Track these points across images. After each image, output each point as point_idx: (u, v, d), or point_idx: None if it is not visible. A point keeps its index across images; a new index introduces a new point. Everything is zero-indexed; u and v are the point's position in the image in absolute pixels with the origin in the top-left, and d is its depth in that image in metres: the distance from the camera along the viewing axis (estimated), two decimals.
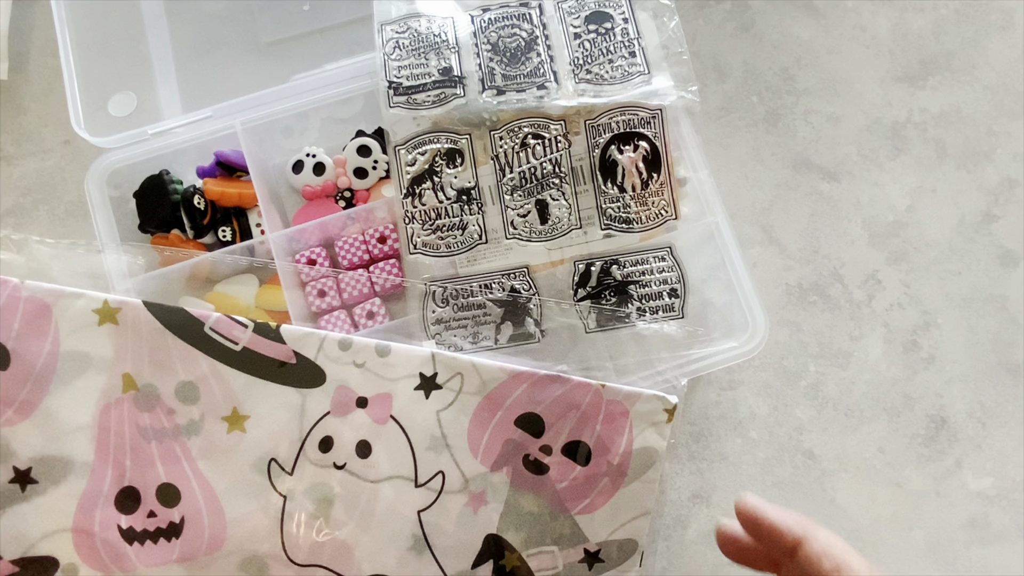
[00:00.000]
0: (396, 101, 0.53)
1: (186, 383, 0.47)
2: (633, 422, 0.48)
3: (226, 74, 0.60)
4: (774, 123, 0.62)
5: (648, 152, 0.52)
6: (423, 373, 0.48)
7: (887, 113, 0.63)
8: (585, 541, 0.48)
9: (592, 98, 0.53)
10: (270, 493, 0.47)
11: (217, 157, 0.57)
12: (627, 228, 0.53)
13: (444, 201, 0.53)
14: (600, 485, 0.48)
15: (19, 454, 0.46)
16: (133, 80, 0.58)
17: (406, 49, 0.54)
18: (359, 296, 0.55)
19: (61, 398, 0.47)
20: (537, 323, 0.52)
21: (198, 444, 0.47)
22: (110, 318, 0.47)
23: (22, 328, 0.47)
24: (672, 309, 0.52)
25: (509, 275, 0.53)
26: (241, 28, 0.61)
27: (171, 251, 0.53)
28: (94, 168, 0.54)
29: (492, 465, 0.47)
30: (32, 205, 0.60)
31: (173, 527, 0.46)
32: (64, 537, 0.46)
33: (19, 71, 0.63)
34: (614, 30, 0.54)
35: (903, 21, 0.64)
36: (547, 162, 0.52)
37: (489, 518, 0.47)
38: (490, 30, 0.55)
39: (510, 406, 0.48)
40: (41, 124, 0.62)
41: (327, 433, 0.47)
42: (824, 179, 0.61)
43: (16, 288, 0.47)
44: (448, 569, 0.47)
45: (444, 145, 0.53)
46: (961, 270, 0.60)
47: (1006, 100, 0.63)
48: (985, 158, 0.62)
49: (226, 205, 0.56)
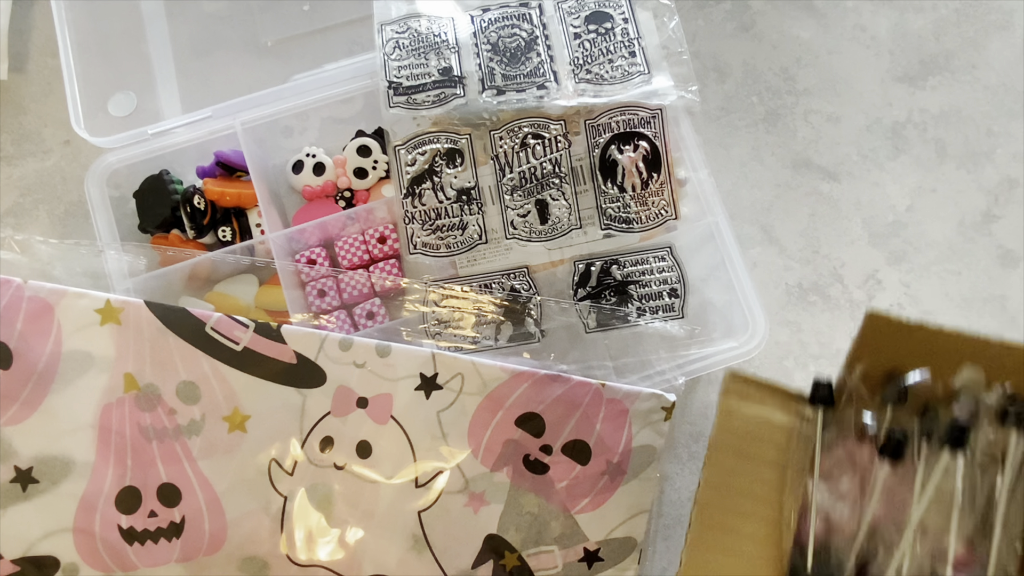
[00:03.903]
0: (396, 101, 0.53)
1: (187, 383, 0.47)
2: (632, 420, 0.48)
3: (226, 74, 0.60)
4: (774, 123, 0.62)
5: (648, 152, 0.52)
6: (423, 373, 0.48)
7: (887, 113, 0.63)
8: (585, 540, 0.48)
9: (592, 98, 0.53)
10: (271, 493, 0.47)
11: (217, 157, 0.57)
12: (627, 228, 0.53)
13: (444, 201, 0.53)
14: (600, 484, 0.48)
15: (20, 453, 0.46)
16: (133, 80, 0.58)
17: (406, 49, 0.54)
18: (359, 296, 0.55)
19: (63, 397, 0.47)
20: (537, 323, 0.52)
21: (199, 444, 0.47)
22: (112, 318, 0.47)
23: (24, 328, 0.47)
24: (672, 309, 0.53)
25: (509, 275, 0.53)
26: (241, 28, 0.61)
27: (171, 251, 0.53)
28: (94, 168, 0.54)
29: (492, 465, 0.48)
30: (32, 205, 0.60)
31: (174, 527, 0.47)
32: (65, 537, 0.46)
33: (19, 71, 0.63)
34: (614, 30, 0.54)
35: (903, 21, 0.64)
36: (547, 162, 0.52)
37: (489, 518, 0.47)
38: (490, 30, 0.55)
39: (510, 406, 0.48)
40: (41, 124, 0.62)
41: (327, 433, 0.47)
42: (824, 179, 0.61)
43: (19, 288, 0.47)
44: (448, 569, 0.47)
45: (444, 145, 0.53)
46: (961, 270, 0.60)
47: (1006, 100, 0.63)
48: (985, 158, 0.62)
49: (226, 205, 0.56)
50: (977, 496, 0.40)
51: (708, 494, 0.39)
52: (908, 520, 0.40)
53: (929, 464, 0.40)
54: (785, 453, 0.41)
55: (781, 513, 0.40)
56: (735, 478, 0.40)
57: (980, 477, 0.40)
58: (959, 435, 0.40)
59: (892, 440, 0.40)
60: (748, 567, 0.39)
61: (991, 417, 0.41)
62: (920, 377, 0.41)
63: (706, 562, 0.38)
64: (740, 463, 0.40)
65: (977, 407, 0.40)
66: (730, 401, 0.40)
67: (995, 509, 0.40)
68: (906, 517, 0.40)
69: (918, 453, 0.41)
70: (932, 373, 0.41)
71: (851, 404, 0.42)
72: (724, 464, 0.39)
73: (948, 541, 0.40)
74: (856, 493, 0.41)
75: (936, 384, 0.42)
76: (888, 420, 0.42)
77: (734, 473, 0.40)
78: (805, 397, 0.42)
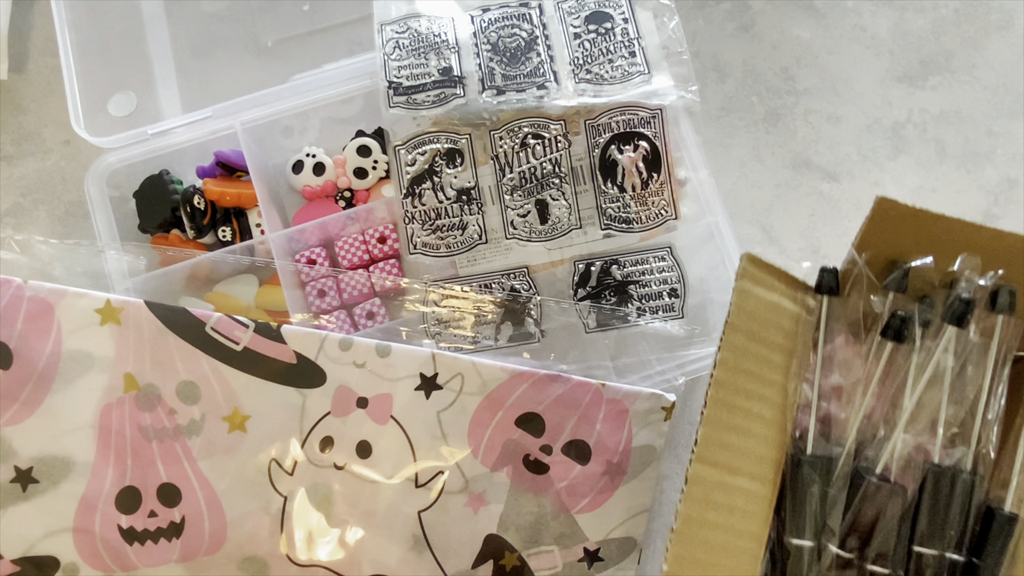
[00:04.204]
0: (396, 101, 0.53)
1: (187, 383, 0.47)
2: (632, 420, 0.48)
3: (226, 74, 0.60)
4: (774, 123, 0.62)
5: (648, 152, 0.52)
6: (423, 373, 0.48)
7: (887, 113, 0.63)
8: (585, 540, 0.48)
9: (592, 98, 0.53)
10: (271, 493, 0.47)
11: (217, 157, 0.57)
12: (627, 228, 0.53)
13: (444, 201, 0.53)
14: (600, 484, 0.48)
15: (20, 453, 0.46)
16: (133, 80, 0.58)
17: (406, 49, 0.54)
18: (359, 296, 0.55)
19: (63, 397, 0.47)
20: (537, 323, 0.52)
21: (199, 444, 0.47)
22: (112, 318, 0.47)
23: (24, 328, 0.47)
24: (672, 309, 0.53)
25: (509, 275, 0.53)
26: (241, 28, 0.61)
27: (171, 251, 0.53)
28: (94, 168, 0.54)
29: (492, 465, 0.48)
30: (32, 205, 0.60)
31: (174, 527, 0.47)
32: (65, 537, 0.46)
33: (19, 71, 0.63)
34: (614, 30, 0.54)
35: (903, 21, 0.64)
36: (547, 162, 0.52)
37: (489, 518, 0.47)
38: (490, 30, 0.55)
39: (510, 406, 0.48)
40: (41, 124, 0.62)
41: (327, 433, 0.47)
42: (824, 179, 0.61)
43: (19, 288, 0.47)
44: (448, 569, 0.47)
45: (444, 145, 0.53)
46: None
47: (1006, 100, 0.63)
48: (985, 158, 0.62)
49: (226, 205, 0.56)
50: (968, 379, 0.42)
51: (723, 373, 0.39)
52: (903, 404, 0.42)
53: (926, 349, 0.42)
54: (793, 339, 0.42)
55: (786, 398, 0.41)
56: (747, 360, 0.40)
57: (975, 358, 0.42)
58: (963, 309, 0.41)
59: (896, 320, 0.42)
60: (756, 446, 0.40)
61: (984, 303, 0.42)
62: (922, 262, 0.43)
63: (719, 440, 0.39)
64: (752, 345, 0.41)
65: (974, 292, 0.42)
66: (745, 283, 0.41)
67: (981, 391, 0.42)
68: (901, 402, 0.42)
69: (916, 340, 0.42)
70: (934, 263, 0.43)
71: (856, 292, 0.43)
72: (738, 345, 0.40)
73: (939, 424, 0.42)
74: (856, 380, 0.43)
75: (936, 274, 0.43)
76: (890, 305, 0.43)
77: (746, 355, 0.40)
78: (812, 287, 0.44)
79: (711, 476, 0.38)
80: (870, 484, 0.41)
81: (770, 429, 0.41)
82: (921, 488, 0.41)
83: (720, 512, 0.39)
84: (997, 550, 0.41)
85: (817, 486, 0.41)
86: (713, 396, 0.39)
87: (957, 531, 0.41)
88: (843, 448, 0.42)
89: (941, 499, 0.41)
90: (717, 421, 0.39)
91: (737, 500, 0.39)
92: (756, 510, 0.40)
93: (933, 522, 0.41)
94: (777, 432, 0.41)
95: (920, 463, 0.42)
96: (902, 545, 0.41)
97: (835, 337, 0.43)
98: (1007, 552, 0.41)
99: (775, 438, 0.41)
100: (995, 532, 0.41)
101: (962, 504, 0.41)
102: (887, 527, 0.41)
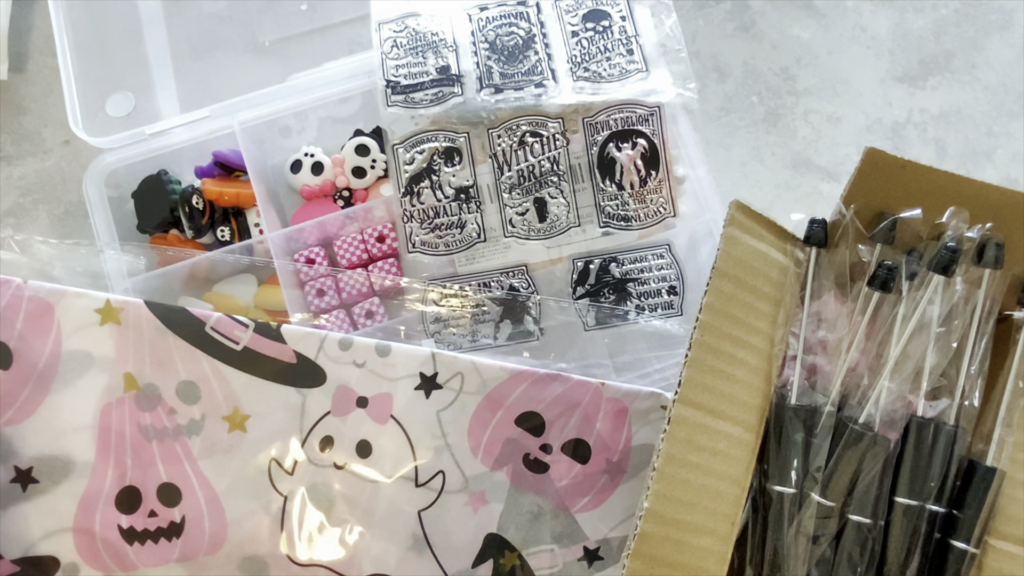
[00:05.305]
0: (394, 100, 0.53)
1: (187, 383, 0.47)
2: (632, 419, 0.48)
3: (224, 74, 0.60)
4: (774, 123, 0.62)
5: (646, 149, 0.52)
6: (423, 373, 0.48)
7: (887, 113, 0.63)
8: (585, 539, 0.48)
9: (590, 96, 0.53)
10: (271, 493, 0.47)
11: (215, 157, 0.57)
12: (625, 226, 0.53)
13: (442, 200, 0.53)
14: (600, 483, 0.48)
15: (20, 453, 0.46)
16: (131, 80, 0.58)
17: (404, 48, 0.54)
18: (358, 295, 0.55)
19: (63, 397, 0.47)
20: (536, 321, 0.52)
21: (199, 444, 0.47)
22: (112, 318, 0.47)
23: (24, 328, 0.47)
24: (671, 307, 0.53)
25: (508, 273, 0.53)
26: (239, 28, 0.61)
27: (170, 251, 0.53)
28: (92, 168, 0.54)
29: (492, 464, 0.48)
30: (32, 205, 0.60)
31: (174, 527, 0.47)
32: (65, 537, 0.46)
33: (19, 71, 0.63)
34: (612, 28, 0.54)
35: (903, 21, 0.64)
36: (545, 160, 0.52)
37: (489, 517, 0.47)
38: (488, 28, 0.55)
39: (510, 405, 0.48)
40: (41, 124, 0.62)
41: (327, 433, 0.47)
42: (824, 179, 0.61)
43: (19, 288, 0.47)
44: (448, 568, 0.47)
45: (442, 144, 0.53)
46: None
47: (1006, 100, 0.63)
48: (985, 158, 0.62)
49: (224, 205, 0.56)
50: (953, 330, 0.42)
51: (708, 317, 0.39)
52: (887, 354, 0.42)
53: (912, 300, 0.42)
54: (780, 289, 0.42)
55: (772, 346, 0.41)
56: (733, 305, 0.40)
57: (960, 309, 0.42)
58: (950, 257, 0.41)
59: (882, 270, 0.42)
60: (741, 392, 0.40)
61: (971, 256, 0.43)
62: (911, 213, 0.43)
63: (703, 382, 0.39)
64: (739, 291, 0.41)
65: (961, 243, 0.42)
66: (733, 230, 0.41)
67: (965, 343, 0.42)
68: (886, 353, 0.42)
69: (903, 291, 0.42)
70: (922, 216, 0.43)
71: (844, 244, 0.44)
72: (724, 290, 0.40)
73: (923, 375, 0.42)
74: (841, 331, 0.43)
75: (924, 227, 0.43)
76: (877, 256, 0.43)
77: (732, 300, 0.40)
78: (801, 239, 0.44)
79: (694, 418, 0.38)
80: (853, 433, 0.41)
81: (755, 376, 0.41)
82: (904, 439, 0.41)
83: (703, 454, 0.39)
84: (977, 503, 0.41)
85: (801, 434, 0.41)
86: (698, 339, 0.39)
87: (938, 483, 0.41)
88: (828, 398, 0.42)
89: (923, 450, 0.41)
90: (701, 364, 0.39)
91: (720, 444, 0.39)
92: (739, 455, 0.40)
93: (915, 473, 0.41)
94: (762, 380, 0.41)
95: (904, 414, 0.42)
96: (883, 495, 0.41)
97: (823, 293, 0.43)
98: (987, 505, 0.41)
99: (760, 386, 0.41)
100: (976, 485, 0.41)
101: (944, 456, 0.41)
102: (869, 477, 0.41)
